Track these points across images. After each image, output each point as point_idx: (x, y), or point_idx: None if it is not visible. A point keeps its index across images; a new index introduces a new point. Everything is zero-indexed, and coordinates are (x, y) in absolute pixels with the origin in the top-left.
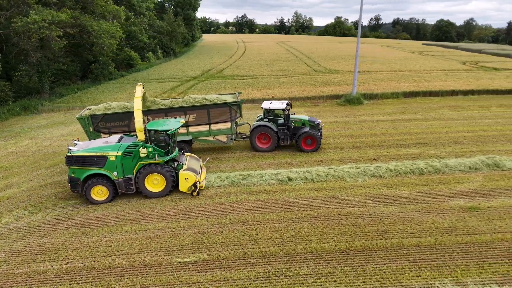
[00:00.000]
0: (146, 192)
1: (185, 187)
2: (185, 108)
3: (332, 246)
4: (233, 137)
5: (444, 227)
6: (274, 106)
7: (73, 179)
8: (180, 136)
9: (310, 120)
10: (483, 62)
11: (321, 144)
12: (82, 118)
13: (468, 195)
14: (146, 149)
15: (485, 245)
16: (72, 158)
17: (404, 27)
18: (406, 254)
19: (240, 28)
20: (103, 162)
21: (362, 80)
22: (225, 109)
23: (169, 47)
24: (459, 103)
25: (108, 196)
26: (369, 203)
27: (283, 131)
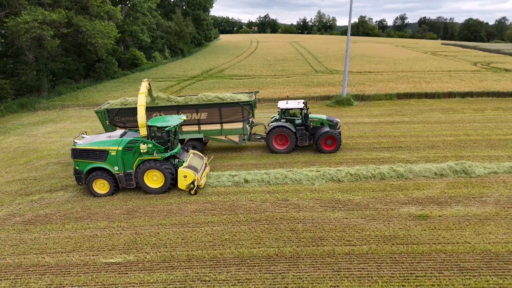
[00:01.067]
0: (145, 188)
1: (183, 184)
2: (197, 106)
3: (261, 252)
4: (245, 138)
5: (384, 236)
6: (291, 106)
7: (77, 171)
8: (191, 134)
9: (329, 119)
10: (497, 63)
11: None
12: (100, 112)
13: (422, 202)
14: (146, 145)
15: (420, 256)
16: (77, 151)
17: (431, 27)
18: (333, 263)
19: (262, 28)
20: (105, 156)
21: (358, 80)
22: (237, 108)
23: (177, 47)
24: (453, 106)
25: (109, 190)
26: (317, 208)
27: (301, 132)
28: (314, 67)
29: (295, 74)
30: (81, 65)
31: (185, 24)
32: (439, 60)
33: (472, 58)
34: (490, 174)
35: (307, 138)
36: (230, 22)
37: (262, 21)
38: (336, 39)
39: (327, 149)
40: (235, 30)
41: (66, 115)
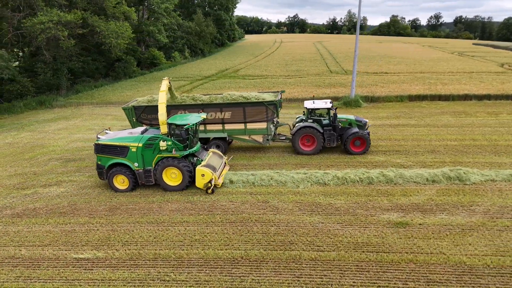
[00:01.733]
0: (164, 185)
1: (201, 183)
2: (221, 105)
3: (227, 253)
4: (269, 138)
5: (356, 242)
6: (318, 106)
7: (99, 166)
8: (215, 133)
9: (357, 120)
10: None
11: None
12: (127, 109)
13: (406, 209)
14: (166, 142)
15: (388, 265)
16: (99, 146)
17: (468, 26)
18: (296, 268)
19: (291, 28)
20: (125, 152)
21: (372, 81)
22: (261, 108)
23: (197, 47)
24: (467, 109)
25: (129, 186)
26: (295, 211)
27: (329, 132)
28: (329, 67)
29: (308, 75)
30: (101, 65)
31: (206, 24)
32: (464, 61)
33: (501, 59)
34: (487, 182)
35: (335, 139)
36: (260, 22)
37: (291, 21)
38: (363, 39)
39: (356, 151)
40: (264, 30)
41: (79, 113)
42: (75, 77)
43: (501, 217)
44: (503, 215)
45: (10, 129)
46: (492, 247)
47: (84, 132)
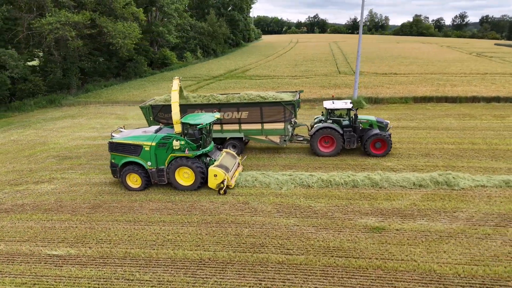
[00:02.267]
0: (176, 185)
1: (213, 183)
2: (238, 104)
3: (196, 254)
4: (286, 139)
5: (328, 246)
6: (338, 106)
7: (113, 164)
8: (232, 133)
9: (379, 121)
10: None
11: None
12: (144, 107)
13: (386, 214)
14: (179, 141)
15: (354, 271)
16: (113, 144)
17: (494, 26)
18: (260, 271)
19: (311, 29)
20: (139, 151)
21: (379, 82)
22: (279, 108)
23: (209, 48)
24: (473, 111)
25: (141, 185)
26: (273, 213)
27: (349, 133)
28: (339, 68)
29: (316, 75)
30: (113, 65)
31: (219, 25)
32: (480, 62)
33: None
34: (477, 188)
35: (355, 140)
36: (280, 23)
37: (311, 21)
38: (382, 39)
39: (376, 153)
40: (284, 31)
41: (85, 111)
42: (87, 76)
43: (484, 224)
44: (486, 223)
45: (17, 127)
46: (467, 255)
47: (86, 131)
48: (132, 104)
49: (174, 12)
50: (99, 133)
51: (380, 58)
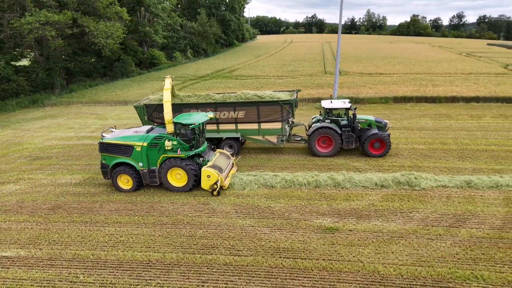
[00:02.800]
0: (169, 186)
1: (206, 184)
2: (234, 104)
3: (145, 256)
4: (283, 139)
5: (278, 247)
6: (337, 105)
7: (104, 165)
8: (228, 132)
9: (377, 121)
10: None
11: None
12: (138, 107)
13: (342, 214)
14: (171, 142)
15: (299, 272)
16: (103, 145)
17: (492, 26)
18: (205, 273)
19: (309, 28)
20: (130, 152)
21: (361, 82)
22: (276, 107)
23: (200, 47)
24: (451, 111)
25: (133, 186)
26: (231, 214)
27: (347, 133)
28: (326, 68)
29: (301, 75)
30: (99, 64)
31: (209, 24)
32: (468, 62)
33: (508, 60)
34: (438, 188)
35: (354, 140)
36: (278, 23)
37: (309, 21)
38: (376, 39)
39: (375, 153)
40: (282, 31)
41: (66, 111)
42: (72, 76)
43: (437, 225)
44: (440, 223)
45: None
46: (414, 256)
47: (63, 131)
48: (114, 104)
49: (161, 12)
50: (75, 133)
51: (369, 58)
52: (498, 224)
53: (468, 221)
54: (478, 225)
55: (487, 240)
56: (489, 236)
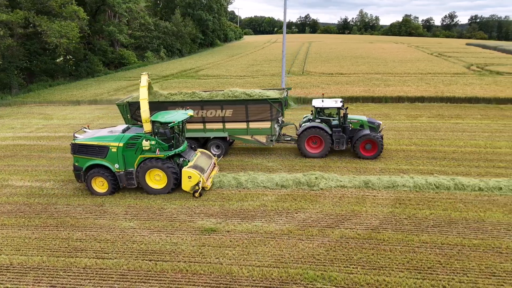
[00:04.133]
0: (147, 188)
1: (187, 186)
2: (221, 102)
3: (8, 259)
4: (273, 139)
5: (147, 249)
6: (328, 105)
7: (77, 168)
8: (216, 132)
9: (370, 121)
10: (497, 65)
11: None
12: (121, 105)
13: (229, 215)
14: (149, 141)
15: (155, 275)
16: (76, 146)
17: (483, 25)
18: (60, 276)
19: (302, 28)
20: (105, 153)
21: (317, 82)
22: (265, 106)
23: (174, 47)
24: (391, 111)
25: (109, 189)
26: (119, 216)
27: (338, 134)
28: (292, 68)
29: (263, 75)
30: (65, 64)
31: (184, 24)
32: (434, 62)
33: (475, 60)
34: (336, 188)
35: (345, 141)
36: (271, 23)
37: (303, 21)
38: (356, 39)
39: (366, 155)
40: (275, 31)
41: (16, 111)
42: (34, 76)
43: (316, 225)
44: (319, 224)
45: None
46: (275, 257)
47: (4, 131)
48: (66, 104)
49: (125, 12)
50: (14, 133)
51: (338, 58)
52: (375, 224)
53: (348, 222)
54: (355, 226)
55: (355, 241)
56: (359, 237)
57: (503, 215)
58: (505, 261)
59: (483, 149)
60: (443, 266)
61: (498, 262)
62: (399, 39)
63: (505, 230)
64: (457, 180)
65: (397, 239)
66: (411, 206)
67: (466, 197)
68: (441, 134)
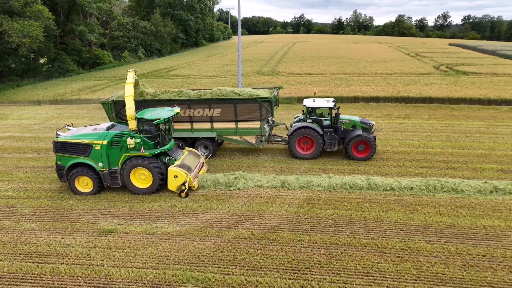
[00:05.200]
0: (132, 188)
1: (173, 185)
2: (209, 101)
3: None
4: (263, 139)
5: (36, 251)
6: (319, 104)
7: (59, 167)
8: (203, 132)
9: (362, 122)
10: (465, 66)
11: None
12: (106, 103)
13: (134, 216)
14: (134, 139)
15: (28, 277)
16: (58, 144)
17: (476, 25)
18: None
19: (297, 29)
20: (88, 151)
21: (282, 82)
22: (255, 105)
23: (153, 47)
24: (340, 111)
25: (93, 189)
26: (26, 217)
27: (330, 134)
28: (263, 68)
29: (232, 75)
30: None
31: (163, 24)
32: (406, 62)
33: (448, 60)
34: (254, 188)
35: (337, 142)
36: (266, 23)
37: (297, 21)
38: (351, 39)
39: (359, 156)
40: (270, 31)
41: None
42: (2, 76)
43: (216, 226)
44: (220, 224)
45: None
46: (160, 259)
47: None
48: (27, 104)
49: (95, 12)
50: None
51: (313, 59)
52: (274, 224)
53: (249, 222)
54: (254, 226)
55: (247, 241)
56: (253, 237)
57: (403, 215)
58: (384, 261)
59: (415, 149)
60: (321, 266)
61: (377, 262)
62: (385, 39)
63: (399, 230)
64: (371, 180)
65: (289, 239)
66: (317, 206)
67: (376, 197)
68: (381, 134)
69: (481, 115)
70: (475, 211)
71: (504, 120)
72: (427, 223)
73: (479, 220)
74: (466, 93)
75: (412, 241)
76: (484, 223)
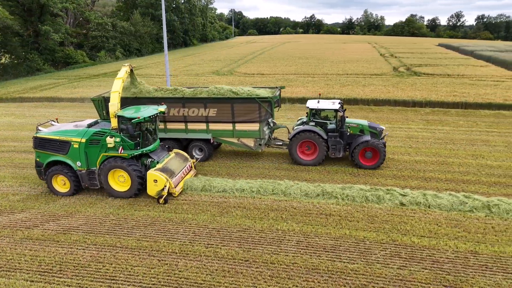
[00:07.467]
0: (110, 191)
1: (153, 190)
2: (205, 99)
3: None
4: (262, 142)
5: None
6: (324, 106)
7: (38, 164)
8: (198, 133)
9: (371, 126)
10: (426, 67)
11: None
12: (96, 100)
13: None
14: (114, 138)
15: None
16: (37, 140)
17: (491, 25)
18: None
19: (307, 29)
20: (67, 149)
21: (226, 82)
22: (253, 105)
23: (132, 47)
24: (282, 113)
25: (70, 189)
26: None
27: (334, 139)
28: (223, 68)
29: (196, 74)
30: None
31: (142, 24)
32: (370, 63)
33: (414, 61)
34: None
35: (342, 148)
36: (277, 23)
37: (308, 21)
38: (346, 39)
39: (366, 164)
40: (281, 31)
41: None
42: None
43: None
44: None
45: None
46: None
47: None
48: None
49: (60, 11)
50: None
51: (281, 59)
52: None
53: None
54: None
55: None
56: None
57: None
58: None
59: None
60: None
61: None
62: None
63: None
64: (301, 184)
65: (71, 241)
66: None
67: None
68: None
69: (394, 117)
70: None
71: (414, 122)
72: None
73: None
74: (395, 94)
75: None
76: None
